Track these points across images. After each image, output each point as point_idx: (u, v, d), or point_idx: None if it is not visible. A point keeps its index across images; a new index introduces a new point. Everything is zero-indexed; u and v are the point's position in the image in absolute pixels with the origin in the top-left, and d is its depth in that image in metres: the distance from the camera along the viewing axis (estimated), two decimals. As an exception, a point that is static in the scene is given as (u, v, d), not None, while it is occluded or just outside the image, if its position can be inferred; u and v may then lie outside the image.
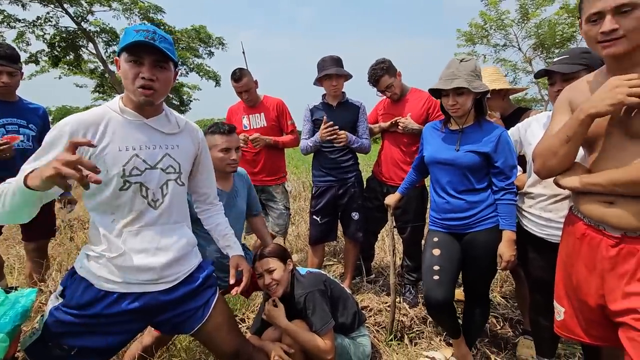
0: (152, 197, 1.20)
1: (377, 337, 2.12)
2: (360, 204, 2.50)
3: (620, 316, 1.04)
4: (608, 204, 1.04)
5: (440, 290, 1.65)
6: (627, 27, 0.94)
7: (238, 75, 2.61)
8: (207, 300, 1.32)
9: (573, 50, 1.57)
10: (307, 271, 1.78)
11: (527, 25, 12.12)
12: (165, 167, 1.22)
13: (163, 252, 1.21)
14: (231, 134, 1.78)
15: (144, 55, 1.12)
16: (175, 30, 15.56)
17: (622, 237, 1.03)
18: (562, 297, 1.26)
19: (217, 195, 1.54)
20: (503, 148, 1.62)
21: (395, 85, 2.38)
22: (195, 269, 1.32)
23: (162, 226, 1.22)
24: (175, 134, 1.27)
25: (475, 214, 1.68)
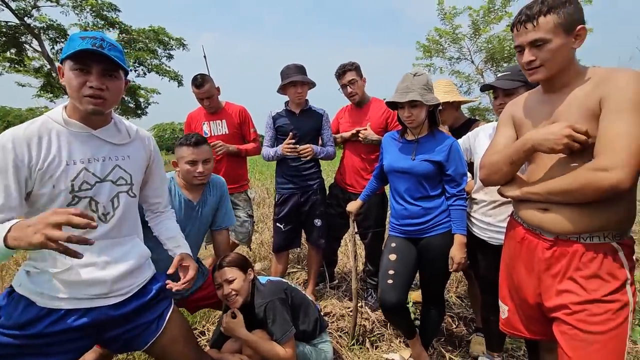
0: (103, 211, 1.15)
1: (340, 342, 2.15)
2: (323, 211, 2.53)
3: (553, 312, 1.14)
4: (543, 211, 1.14)
5: (393, 293, 1.72)
6: (542, 58, 1.08)
7: (200, 81, 2.54)
8: (161, 312, 1.28)
9: (514, 68, 1.72)
10: (267, 280, 1.77)
11: (478, 40, 12.99)
12: (116, 179, 1.18)
13: (113, 266, 1.16)
14: (198, 146, 1.74)
15: (91, 63, 1.07)
16: (131, 30, 14.84)
17: (556, 240, 1.13)
18: (505, 296, 1.36)
19: (168, 203, 1.50)
20: (454, 157, 1.73)
21: (359, 85, 2.43)
22: (148, 281, 1.28)
23: (113, 239, 1.18)
24: (125, 144, 1.23)
25: (430, 220, 1.77)
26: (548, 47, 1.06)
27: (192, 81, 2.58)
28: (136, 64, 15.75)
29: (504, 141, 1.26)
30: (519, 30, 1.10)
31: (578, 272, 1.08)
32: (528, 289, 1.22)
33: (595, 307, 1.05)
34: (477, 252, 1.76)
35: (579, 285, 1.08)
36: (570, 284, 1.10)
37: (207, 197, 1.87)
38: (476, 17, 12.67)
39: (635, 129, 0.95)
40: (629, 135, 0.95)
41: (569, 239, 1.10)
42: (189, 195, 1.80)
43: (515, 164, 1.19)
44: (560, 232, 1.11)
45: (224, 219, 1.96)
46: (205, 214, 1.86)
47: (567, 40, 1.06)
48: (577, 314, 1.07)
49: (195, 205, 1.81)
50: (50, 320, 1.08)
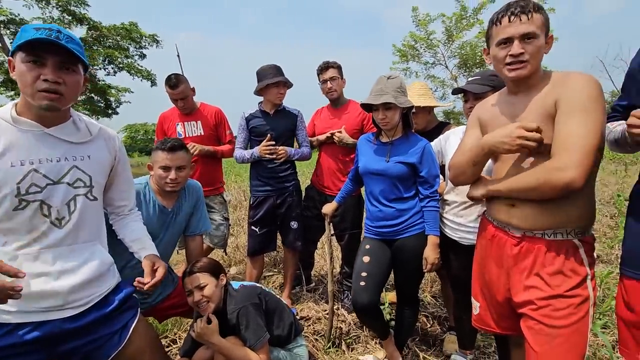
0: (57, 216, 1.07)
1: (316, 346, 2.13)
2: (299, 213, 2.51)
3: (521, 307, 1.18)
4: (511, 207, 1.18)
5: (365, 295, 1.73)
6: (530, 52, 1.09)
7: (174, 81, 2.46)
8: (125, 324, 1.20)
9: (484, 73, 1.77)
10: (240, 285, 1.73)
11: (452, 46, 13.45)
12: (73, 182, 1.10)
13: (69, 275, 1.08)
14: (173, 151, 1.65)
15: (46, 55, 0.99)
16: (101, 27, 14.23)
17: (523, 236, 1.17)
18: (477, 293, 1.39)
19: (134, 205, 1.43)
20: (427, 159, 1.75)
21: (339, 84, 2.44)
22: (111, 290, 1.20)
23: (69, 246, 1.09)
24: (85, 142, 1.14)
25: (404, 221, 1.78)
26: (536, 43, 1.09)
27: (165, 81, 2.50)
28: (106, 62, 15.10)
29: (470, 143, 1.29)
30: (511, 21, 1.09)
31: (543, 268, 1.12)
32: (498, 285, 1.26)
33: (559, 302, 1.09)
34: (449, 253, 1.79)
35: (543, 281, 1.12)
36: (535, 279, 1.14)
37: (182, 203, 1.80)
38: (449, 24, 13.11)
39: (586, 130, 1.00)
40: (581, 135, 0.99)
41: (535, 236, 1.14)
42: (163, 201, 1.72)
43: (477, 165, 1.24)
44: (526, 229, 1.15)
45: (198, 224, 1.89)
46: (180, 220, 1.79)
47: (544, 42, 1.11)
48: (542, 309, 1.11)
49: (169, 212, 1.73)
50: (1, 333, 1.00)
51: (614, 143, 1.17)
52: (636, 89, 1.10)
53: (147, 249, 1.38)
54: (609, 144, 1.19)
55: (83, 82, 1.10)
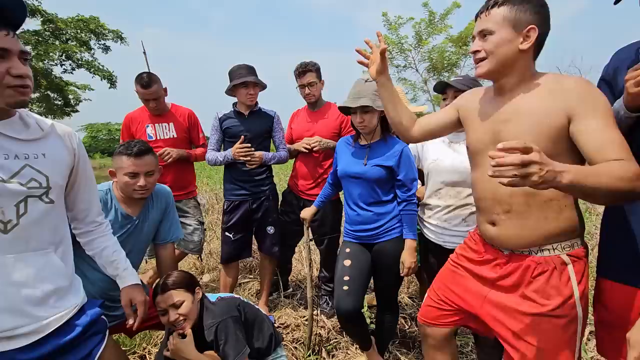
0: (1, 218, 0.93)
1: (296, 354, 2.07)
2: (276, 218, 2.44)
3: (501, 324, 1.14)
4: (492, 226, 1.15)
5: (349, 300, 1.70)
6: (486, 49, 1.07)
7: (146, 80, 2.30)
8: (89, 352, 1.07)
9: (466, 77, 1.83)
10: (218, 297, 1.63)
11: (422, 50, 13.86)
12: (26, 182, 0.97)
13: (16, 291, 0.93)
14: (141, 156, 1.53)
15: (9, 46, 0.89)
16: (57, 19, 13.31)
17: (510, 255, 1.13)
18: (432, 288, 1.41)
19: (100, 212, 1.29)
20: (404, 162, 1.75)
21: (317, 88, 2.38)
22: (73, 314, 1.06)
23: (16, 255, 0.95)
24: (37, 139, 1.02)
25: (382, 225, 1.77)
26: (492, 39, 1.05)
27: (136, 80, 2.33)
28: (63, 57, 14.14)
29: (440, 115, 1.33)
30: (477, 20, 1.11)
31: (529, 286, 1.09)
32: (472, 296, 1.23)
33: (545, 322, 1.06)
34: (431, 256, 1.80)
35: (529, 299, 1.09)
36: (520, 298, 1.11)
37: (149, 210, 1.67)
38: (419, 28, 13.49)
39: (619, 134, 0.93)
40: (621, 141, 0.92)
41: (522, 253, 1.11)
42: (127, 209, 1.59)
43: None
44: (511, 247, 1.12)
45: (169, 232, 1.76)
46: (147, 229, 1.67)
47: (513, 37, 1.03)
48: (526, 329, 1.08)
49: (134, 220, 1.61)
50: None
51: None
52: (610, 94, 1.14)
53: (123, 278, 1.28)
54: None
55: None
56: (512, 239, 1.10)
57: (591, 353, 2.02)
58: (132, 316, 1.29)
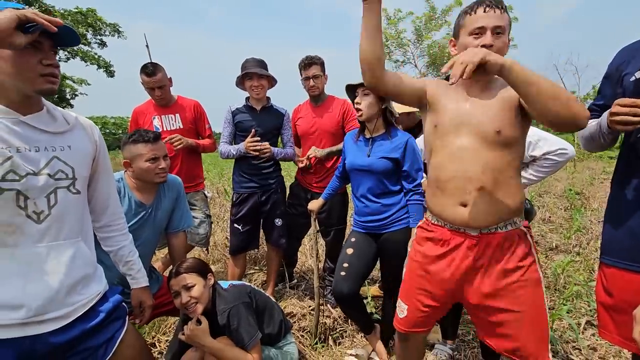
0: (34, 209, 0.96)
1: (303, 342, 2.13)
2: (284, 210, 2.49)
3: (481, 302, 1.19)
4: (462, 207, 1.17)
5: (345, 284, 1.78)
6: (497, 47, 1.12)
7: (151, 69, 2.33)
8: (111, 335, 1.12)
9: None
10: (229, 284, 1.68)
11: (421, 45, 13.85)
12: (54, 173, 1.00)
13: (50, 278, 0.97)
14: (157, 141, 1.62)
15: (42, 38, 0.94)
16: (54, 11, 13.16)
17: (480, 235, 1.17)
18: (407, 296, 1.37)
19: (119, 207, 1.32)
20: (409, 153, 1.79)
21: (321, 80, 2.42)
22: (97, 301, 1.10)
23: (49, 244, 0.99)
24: (63, 132, 1.06)
25: (389, 216, 1.82)
26: (503, 39, 1.14)
27: (141, 69, 2.36)
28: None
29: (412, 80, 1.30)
30: (486, 12, 1.12)
31: (502, 259, 1.16)
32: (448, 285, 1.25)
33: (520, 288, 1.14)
34: None
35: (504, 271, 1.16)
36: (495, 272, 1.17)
37: (162, 198, 1.72)
38: (419, 23, 13.45)
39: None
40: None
41: (490, 231, 1.17)
42: (140, 197, 1.64)
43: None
44: (482, 226, 1.17)
45: (180, 220, 1.82)
46: (160, 217, 1.71)
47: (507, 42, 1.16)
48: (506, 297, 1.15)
49: (148, 208, 1.65)
50: None
51: (588, 138, 1.24)
52: (611, 91, 1.19)
53: (136, 279, 1.34)
54: (583, 141, 1.27)
55: None
56: (483, 217, 1.15)
57: (587, 341, 2.10)
58: (139, 316, 1.39)
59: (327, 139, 2.45)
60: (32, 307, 0.94)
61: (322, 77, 2.43)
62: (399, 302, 1.40)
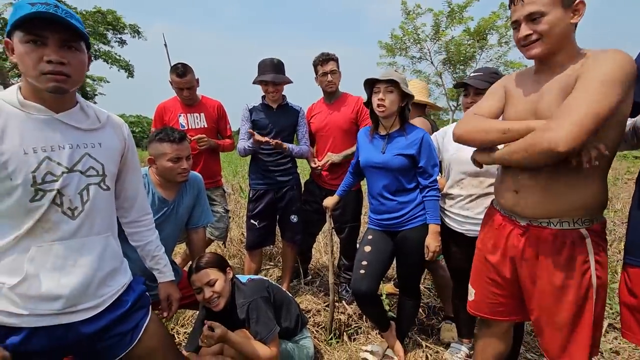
0: (69, 205, 1.01)
1: (318, 338, 2.15)
2: (299, 207, 2.51)
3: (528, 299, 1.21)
4: (515, 193, 1.17)
5: (364, 282, 1.78)
6: (539, 31, 1.06)
7: (182, 70, 2.40)
8: (136, 324, 1.17)
9: (486, 69, 1.82)
10: (248, 278, 1.72)
11: (438, 41, 13.63)
12: (86, 170, 1.04)
13: (82, 271, 1.02)
14: (182, 142, 1.65)
15: (46, 33, 0.91)
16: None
17: (528, 225, 1.16)
18: (474, 280, 1.41)
19: (146, 205, 1.35)
20: (425, 149, 1.78)
21: (336, 77, 2.43)
22: (124, 291, 1.16)
23: (82, 239, 1.04)
24: (95, 129, 1.09)
25: (406, 213, 1.82)
26: (545, 19, 1.04)
27: (172, 69, 2.43)
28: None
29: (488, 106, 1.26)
30: (516, 4, 1.09)
31: (548, 259, 1.13)
32: (503, 273, 1.27)
33: (563, 294, 1.11)
34: (452, 245, 1.84)
35: (548, 272, 1.13)
36: (540, 270, 1.15)
37: (183, 195, 1.77)
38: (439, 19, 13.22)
39: (588, 96, 0.94)
40: (581, 101, 0.95)
41: (540, 225, 1.14)
42: (163, 193, 1.69)
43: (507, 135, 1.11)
44: (531, 217, 1.14)
45: (201, 217, 1.87)
46: (181, 213, 1.77)
47: (566, 14, 1.04)
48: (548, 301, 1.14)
49: (170, 204, 1.71)
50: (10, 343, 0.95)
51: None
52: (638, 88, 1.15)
53: (162, 273, 1.38)
54: None
55: (87, 61, 1.03)
56: (533, 207, 1.12)
57: (609, 345, 2.05)
58: (166, 310, 1.42)
59: (340, 136, 2.45)
60: (67, 298, 0.99)
61: (338, 73, 2.44)
62: (469, 286, 1.44)
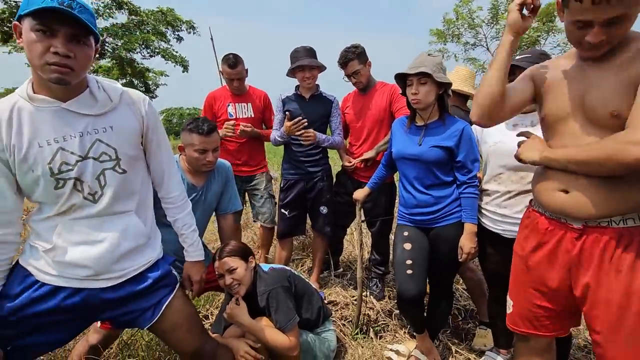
0: (89, 191, 1.07)
1: (343, 331, 2.12)
2: (329, 198, 2.48)
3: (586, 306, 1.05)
4: (564, 193, 1.04)
5: (413, 284, 1.65)
6: (611, 36, 0.94)
7: (233, 61, 2.47)
8: (158, 300, 1.22)
9: (534, 51, 1.63)
10: (270, 267, 1.73)
11: (496, 25, 12.58)
12: (98, 156, 1.07)
13: (103, 245, 1.09)
14: (210, 134, 1.67)
15: (57, 25, 0.92)
16: (140, 11, 14.67)
17: (584, 227, 1.02)
18: (513, 291, 1.27)
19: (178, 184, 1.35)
20: (465, 142, 1.64)
21: (363, 73, 2.31)
22: (148, 267, 1.21)
23: (102, 217, 1.10)
24: (105, 113, 1.07)
25: (440, 209, 1.70)
26: (626, 24, 0.92)
27: (223, 60, 2.50)
28: (142, 46, 15.63)
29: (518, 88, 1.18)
30: (597, 3, 0.89)
31: (612, 262, 0.98)
32: (552, 283, 1.12)
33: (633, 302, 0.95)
34: (488, 246, 1.68)
35: (612, 277, 0.98)
36: (603, 276, 1.00)
37: (212, 182, 1.82)
38: (497, 1, 12.19)
39: None
40: None
41: (599, 225, 1.00)
42: (192, 179, 1.75)
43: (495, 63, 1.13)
44: (588, 217, 1.00)
45: (229, 203, 1.92)
46: (210, 199, 1.82)
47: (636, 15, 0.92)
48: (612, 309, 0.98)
49: (199, 190, 1.77)
50: (41, 293, 1.06)
51: None
52: None
53: (188, 253, 1.39)
54: None
55: (94, 55, 1.05)
56: (589, 206, 0.98)
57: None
58: (188, 288, 1.43)
59: (375, 127, 2.36)
60: (90, 268, 1.08)
61: (364, 68, 2.30)
62: (507, 297, 1.32)
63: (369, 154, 2.33)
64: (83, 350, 1.51)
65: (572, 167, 1.00)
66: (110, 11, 13.75)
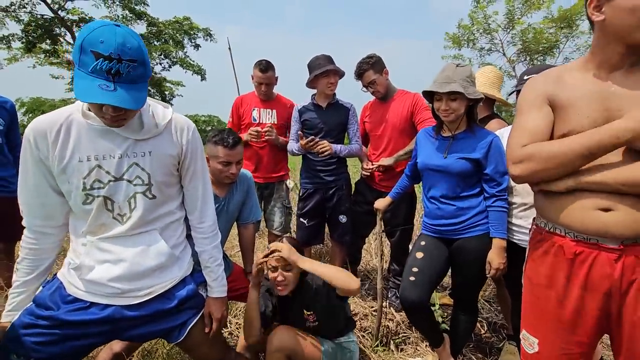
0: (119, 212, 1.09)
1: (363, 343, 2.09)
2: (348, 207, 2.47)
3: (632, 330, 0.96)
4: (603, 212, 0.94)
5: (414, 291, 1.64)
6: None
7: (264, 66, 2.50)
8: (184, 322, 1.23)
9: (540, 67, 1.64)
10: None
11: (512, 31, 12.41)
12: (132, 179, 1.09)
13: (124, 264, 1.11)
14: (235, 147, 1.68)
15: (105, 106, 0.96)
16: (158, 22, 15.11)
17: (623, 247, 0.94)
18: (535, 327, 1.11)
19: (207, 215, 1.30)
20: (494, 154, 1.61)
21: (380, 82, 2.30)
22: (175, 285, 1.21)
23: (125, 237, 1.12)
24: (148, 139, 1.09)
25: (465, 220, 1.67)
26: None
27: (256, 65, 2.53)
28: (162, 56, 16.05)
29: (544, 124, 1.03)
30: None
31: None
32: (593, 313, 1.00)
33: None
34: (508, 257, 1.64)
35: None
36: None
37: (234, 192, 1.84)
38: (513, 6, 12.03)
39: None
40: None
41: (637, 242, 0.93)
42: (215, 190, 1.77)
43: (592, 157, 0.94)
44: (628, 236, 0.93)
45: (250, 213, 1.94)
46: (232, 209, 1.84)
47: None
48: None
49: (221, 200, 1.79)
50: (73, 307, 1.10)
51: None
52: None
53: (210, 287, 1.33)
54: None
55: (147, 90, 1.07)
56: (631, 223, 0.92)
57: None
58: (209, 326, 1.32)
59: (395, 136, 2.34)
60: (115, 286, 1.10)
61: (380, 78, 2.29)
62: (523, 333, 1.15)
63: (387, 161, 2.31)
64: (107, 357, 1.53)
65: (626, 189, 0.91)
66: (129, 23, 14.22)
